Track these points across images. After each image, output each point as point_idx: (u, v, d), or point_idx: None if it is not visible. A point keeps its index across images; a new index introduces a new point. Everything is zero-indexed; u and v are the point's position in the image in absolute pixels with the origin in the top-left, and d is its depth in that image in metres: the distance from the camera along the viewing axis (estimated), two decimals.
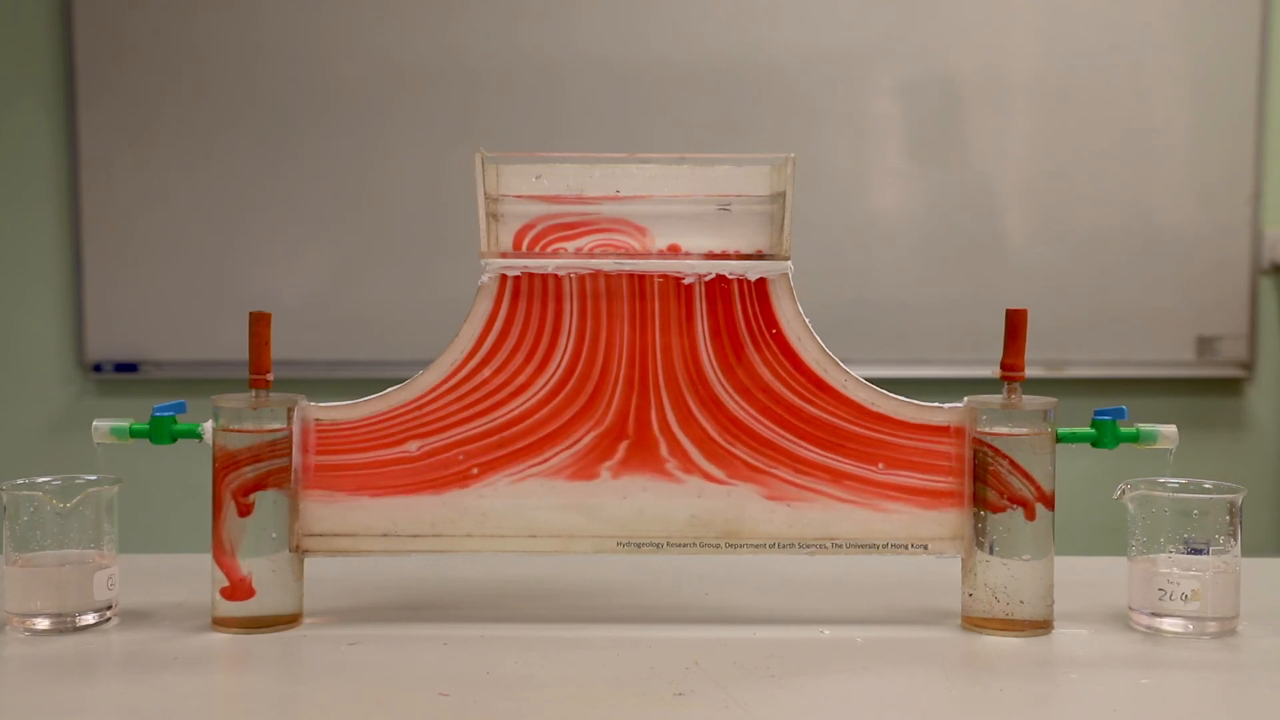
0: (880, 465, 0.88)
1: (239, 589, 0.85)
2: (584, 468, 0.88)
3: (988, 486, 0.86)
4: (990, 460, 0.86)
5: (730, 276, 0.88)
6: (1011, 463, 0.85)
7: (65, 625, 0.85)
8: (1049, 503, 0.85)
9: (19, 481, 0.86)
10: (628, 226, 0.89)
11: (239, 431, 0.85)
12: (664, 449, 0.88)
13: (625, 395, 0.88)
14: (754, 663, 0.79)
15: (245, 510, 0.84)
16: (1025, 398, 0.87)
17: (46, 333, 2.46)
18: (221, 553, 0.84)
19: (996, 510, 0.85)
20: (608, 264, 0.88)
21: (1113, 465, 1.05)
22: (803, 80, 2.38)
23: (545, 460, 0.88)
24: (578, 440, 0.88)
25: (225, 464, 0.84)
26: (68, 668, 0.78)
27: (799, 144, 2.36)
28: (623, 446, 0.88)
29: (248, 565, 0.85)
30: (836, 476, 0.88)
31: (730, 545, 0.88)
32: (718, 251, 0.88)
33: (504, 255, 0.88)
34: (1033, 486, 0.85)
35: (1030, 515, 0.85)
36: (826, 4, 2.38)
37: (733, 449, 0.88)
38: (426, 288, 2.38)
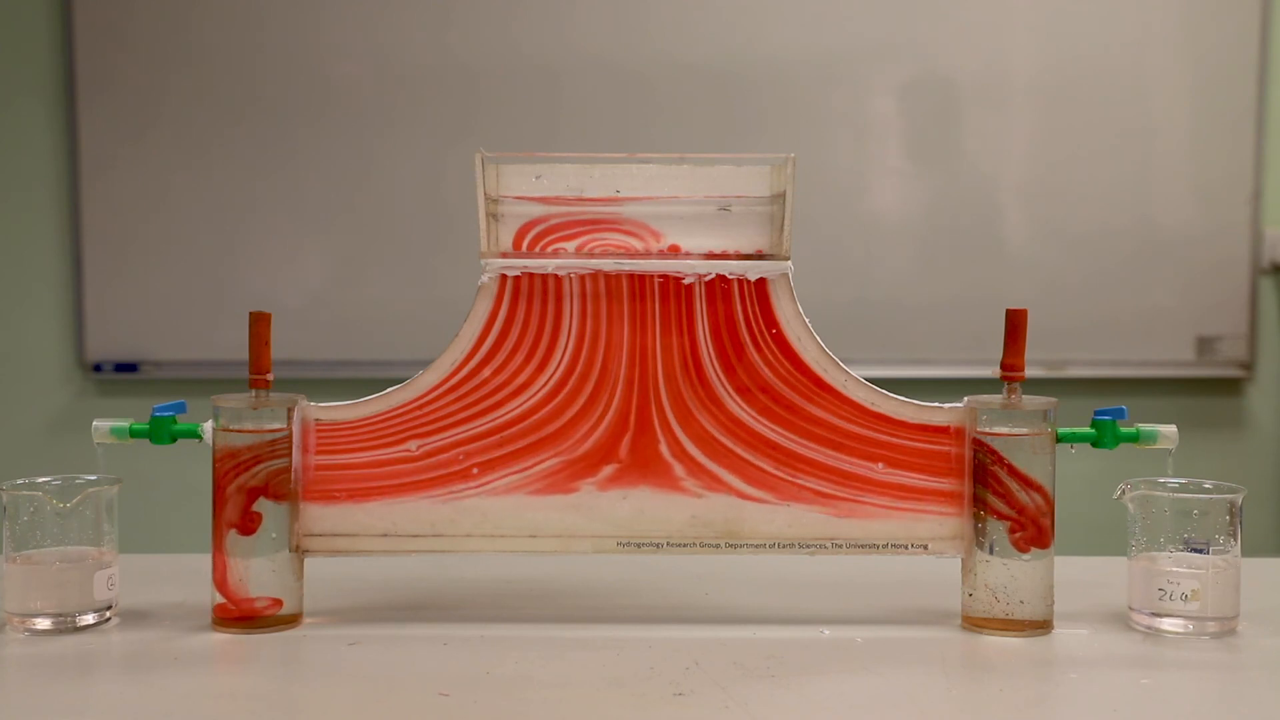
0: (880, 465, 0.88)
1: (246, 613, 0.85)
2: (584, 468, 0.88)
3: (987, 488, 0.86)
4: (990, 461, 0.86)
5: (730, 276, 0.88)
6: (1010, 466, 0.85)
7: (65, 625, 0.85)
8: (1049, 520, 0.85)
9: (19, 481, 0.86)
10: (628, 226, 0.89)
11: (239, 431, 0.85)
12: (664, 449, 0.88)
13: (625, 395, 0.88)
14: (754, 663, 0.79)
15: (249, 528, 0.84)
16: (1025, 398, 0.87)
17: (46, 333, 2.46)
18: (227, 581, 0.84)
19: (1004, 520, 0.85)
20: (608, 264, 0.88)
21: (1113, 465, 1.05)
22: (803, 80, 2.38)
23: (545, 460, 0.88)
24: (578, 440, 0.88)
25: (226, 464, 0.84)
26: (68, 668, 0.78)
27: (799, 144, 2.36)
28: (623, 447, 0.88)
29: (256, 589, 0.85)
30: (837, 476, 0.88)
31: (730, 545, 0.88)
32: (718, 251, 0.88)
33: (504, 255, 0.88)
34: (1033, 487, 0.85)
35: (1024, 549, 0.85)
36: (826, 4, 2.38)
37: (733, 449, 0.88)
38: (426, 288, 2.38)
